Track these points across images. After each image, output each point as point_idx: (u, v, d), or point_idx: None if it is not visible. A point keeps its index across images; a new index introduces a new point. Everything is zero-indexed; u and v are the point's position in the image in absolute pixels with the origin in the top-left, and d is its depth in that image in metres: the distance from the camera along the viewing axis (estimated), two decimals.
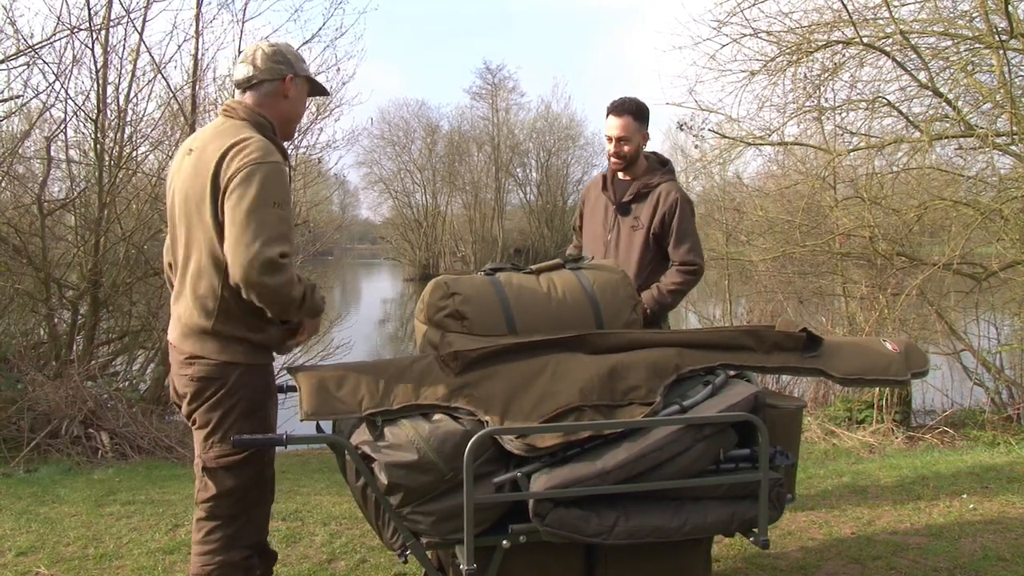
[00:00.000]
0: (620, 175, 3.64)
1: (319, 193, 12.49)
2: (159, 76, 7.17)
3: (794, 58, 6.80)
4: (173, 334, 2.46)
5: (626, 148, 3.52)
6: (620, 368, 2.45)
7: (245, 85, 2.46)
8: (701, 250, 3.57)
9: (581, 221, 3.88)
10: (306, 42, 7.82)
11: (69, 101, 6.84)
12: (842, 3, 6.23)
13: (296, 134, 7.74)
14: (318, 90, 2.66)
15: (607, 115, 3.56)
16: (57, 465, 5.38)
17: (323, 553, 3.63)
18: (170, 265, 2.54)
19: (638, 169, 3.60)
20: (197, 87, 7.38)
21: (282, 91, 2.47)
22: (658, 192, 3.52)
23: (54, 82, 6.71)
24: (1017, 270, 6.54)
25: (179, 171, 2.44)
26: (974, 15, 6.37)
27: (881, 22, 6.46)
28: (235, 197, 2.22)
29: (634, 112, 3.51)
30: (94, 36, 6.67)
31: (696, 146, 7.90)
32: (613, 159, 3.57)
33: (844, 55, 6.80)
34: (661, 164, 3.64)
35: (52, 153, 7.04)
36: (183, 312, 2.39)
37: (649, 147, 3.64)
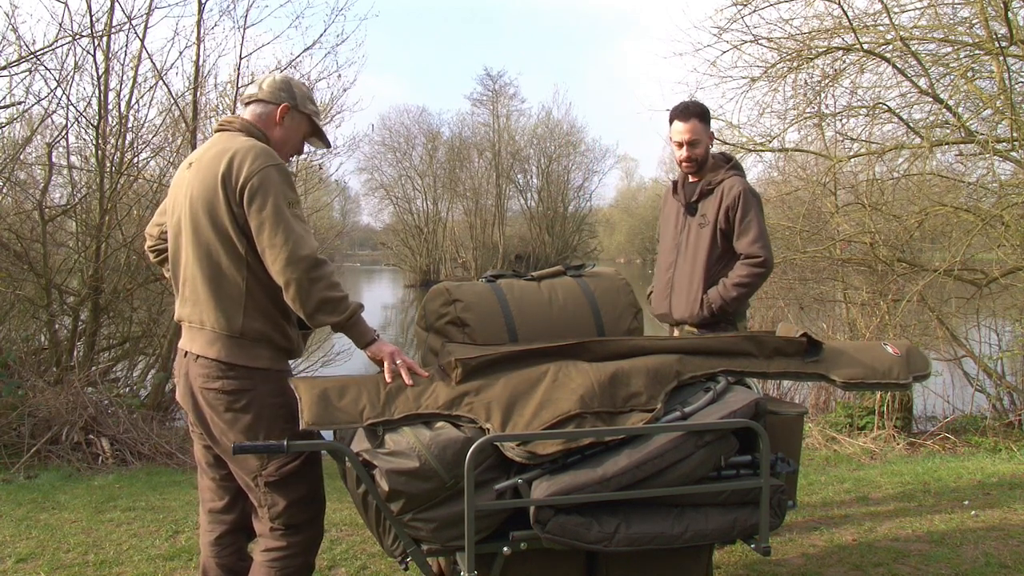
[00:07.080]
0: (690, 178, 3.68)
1: (320, 199, 12.52)
2: (160, 82, 7.19)
3: (795, 64, 6.81)
4: (196, 344, 2.41)
5: (697, 151, 3.56)
6: (621, 375, 2.44)
7: (247, 101, 2.56)
8: (768, 243, 3.52)
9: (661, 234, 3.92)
10: (307, 49, 7.84)
11: (71, 107, 6.88)
12: (842, 10, 6.25)
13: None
14: (319, 135, 2.65)
15: (672, 121, 3.60)
16: (57, 471, 5.37)
17: (324, 560, 3.62)
18: (172, 275, 2.55)
19: (706, 170, 3.63)
20: (198, 93, 7.40)
21: (275, 116, 2.53)
22: (722, 187, 3.55)
23: (56, 88, 6.75)
24: (1018, 276, 6.52)
25: (181, 184, 2.47)
26: (974, 22, 6.37)
27: (881, 28, 6.47)
28: (257, 203, 2.29)
29: (700, 115, 3.56)
30: (96, 43, 6.69)
31: None
32: (685, 163, 3.61)
33: (844, 61, 6.81)
34: (726, 161, 3.67)
35: (53, 159, 7.04)
36: (207, 318, 2.37)
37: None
